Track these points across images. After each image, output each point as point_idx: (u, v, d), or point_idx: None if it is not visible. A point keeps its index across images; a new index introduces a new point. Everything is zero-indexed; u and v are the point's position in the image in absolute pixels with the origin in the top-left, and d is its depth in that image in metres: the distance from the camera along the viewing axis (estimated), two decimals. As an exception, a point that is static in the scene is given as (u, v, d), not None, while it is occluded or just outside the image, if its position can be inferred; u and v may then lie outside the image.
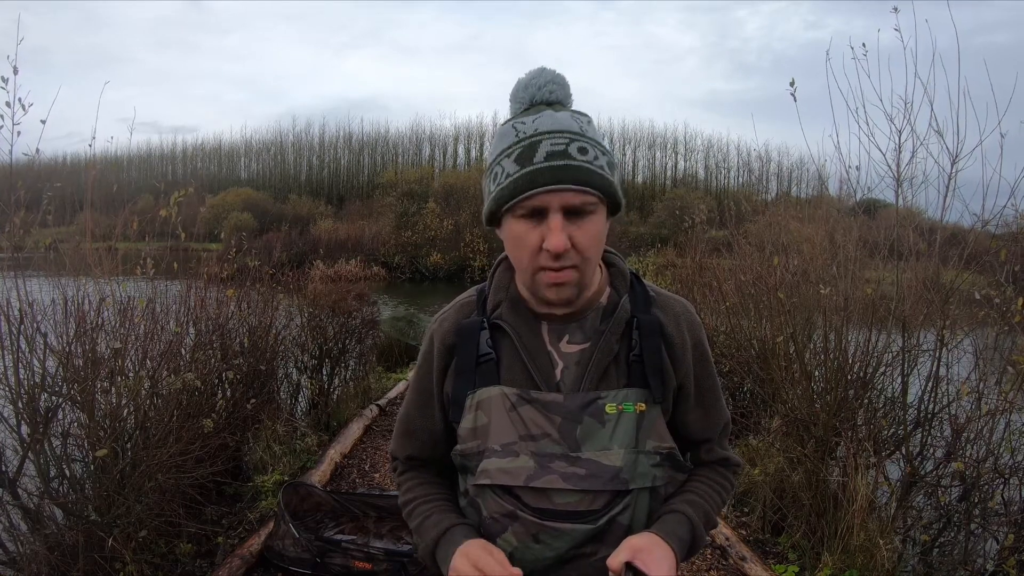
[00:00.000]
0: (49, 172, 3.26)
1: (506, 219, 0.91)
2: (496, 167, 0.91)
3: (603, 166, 0.90)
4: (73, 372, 2.45)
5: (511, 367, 0.98)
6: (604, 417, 0.95)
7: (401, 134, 59.47)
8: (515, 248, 0.92)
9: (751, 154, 55.62)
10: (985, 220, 2.77)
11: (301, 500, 3.10)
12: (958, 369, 2.97)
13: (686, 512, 0.99)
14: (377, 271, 23.20)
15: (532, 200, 0.87)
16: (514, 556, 0.96)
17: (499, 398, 0.97)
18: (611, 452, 0.94)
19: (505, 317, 1.00)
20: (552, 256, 0.87)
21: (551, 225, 0.87)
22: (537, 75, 0.95)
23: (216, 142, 63.78)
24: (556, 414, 0.95)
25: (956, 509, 2.84)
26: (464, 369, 1.00)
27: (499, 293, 1.02)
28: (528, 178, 0.87)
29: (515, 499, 0.96)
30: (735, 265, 5.02)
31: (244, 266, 4.45)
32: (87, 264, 2.77)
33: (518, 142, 0.89)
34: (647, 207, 42.23)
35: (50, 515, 2.41)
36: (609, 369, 0.97)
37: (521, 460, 0.95)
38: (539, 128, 0.89)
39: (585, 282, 0.93)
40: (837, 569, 2.73)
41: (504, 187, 0.89)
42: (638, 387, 0.97)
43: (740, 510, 3.62)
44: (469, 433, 0.99)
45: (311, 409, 4.99)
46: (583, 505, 0.95)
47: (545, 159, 0.86)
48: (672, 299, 1.06)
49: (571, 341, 0.99)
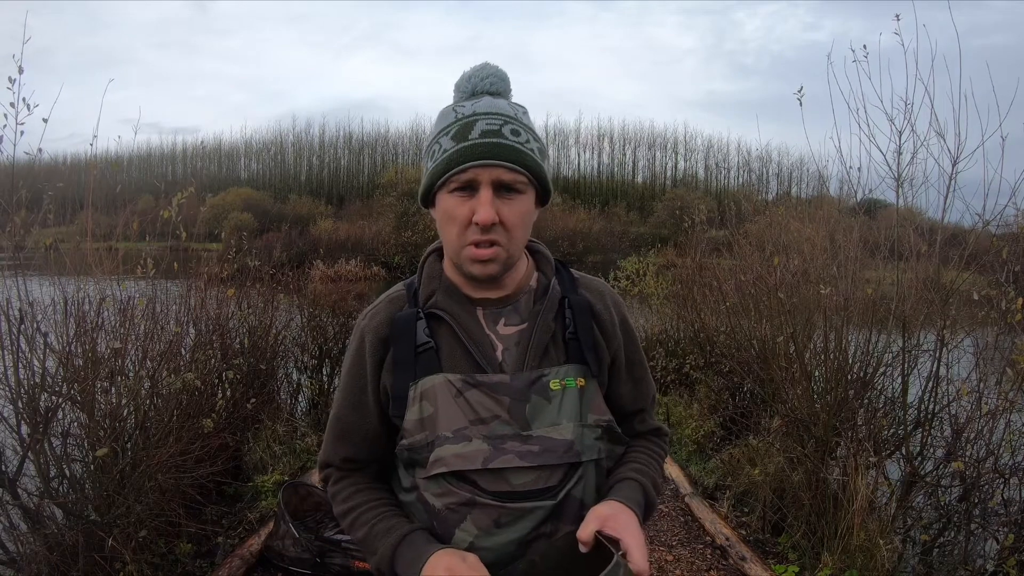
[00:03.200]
0: (49, 172, 3.26)
1: (440, 196, 0.95)
2: (434, 145, 0.96)
3: (534, 150, 0.95)
4: (73, 372, 2.45)
5: (451, 354, 0.99)
6: (549, 393, 0.98)
7: (401, 134, 59.65)
8: (446, 222, 0.95)
9: (751, 154, 55.68)
10: (986, 220, 2.77)
11: (301, 500, 3.10)
12: (958, 369, 2.97)
13: (637, 479, 1.03)
14: (377, 271, 23.20)
15: (465, 174, 0.91)
16: (475, 546, 0.95)
17: (443, 385, 0.97)
18: (561, 426, 0.98)
19: (441, 304, 1.01)
20: (480, 229, 0.91)
21: (481, 198, 0.91)
22: (481, 68, 1.01)
23: (216, 142, 63.82)
24: (504, 395, 0.97)
25: (956, 509, 2.84)
26: (402, 361, 0.99)
27: (431, 283, 1.03)
28: (462, 152, 0.91)
29: (471, 485, 0.96)
30: (735, 265, 5.03)
31: (244, 266, 4.45)
32: (87, 264, 2.77)
33: (456, 121, 0.95)
34: (647, 207, 42.30)
35: (50, 515, 2.41)
36: (548, 348, 1.01)
37: (475, 444, 0.95)
38: (477, 110, 0.95)
39: (511, 262, 0.97)
40: (837, 569, 2.73)
41: (439, 162, 0.93)
42: (577, 363, 1.01)
43: (740, 510, 3.62)
44: (416, 425, 0.97)
45: (311, 409, 4.99)
46: (540, 482, 0.96)
47: (480, 136, 0.92)
48: (594, 280, 1.12)
49: (508, 323, 1.01)
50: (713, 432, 4.54)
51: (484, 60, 1.03)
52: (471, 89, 0.99)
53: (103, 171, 3.02)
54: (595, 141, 58.64)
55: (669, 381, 5.80)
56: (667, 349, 5.97)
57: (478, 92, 0.99)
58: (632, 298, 7.21)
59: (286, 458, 3.86)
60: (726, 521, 3.41)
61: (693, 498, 3.69)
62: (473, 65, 1.02)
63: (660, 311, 6.54)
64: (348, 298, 5.61)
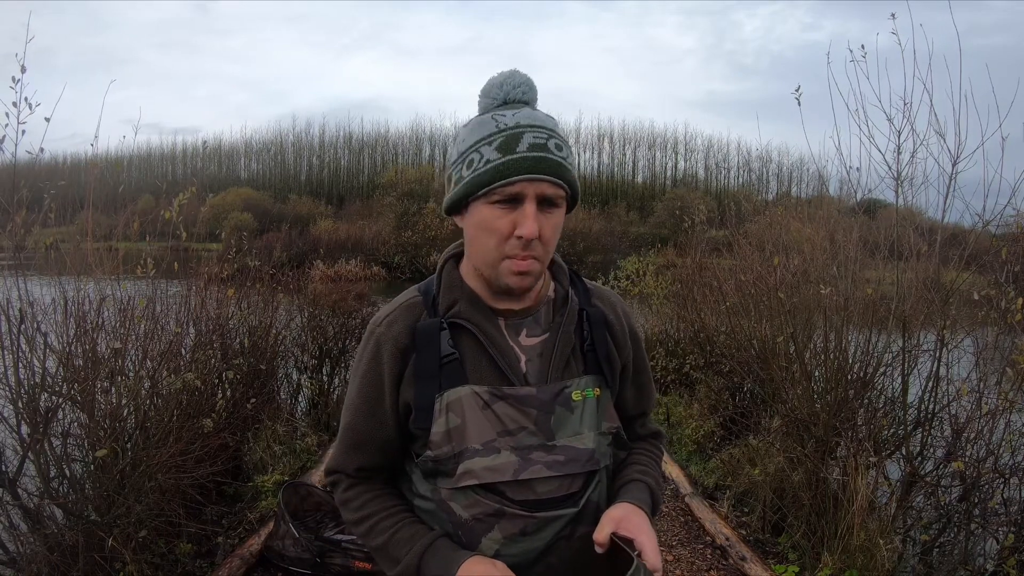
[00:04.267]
0: (50, 172, 3.25)
1: (475, 205, 0.94)
2: (473, 154, 0.94)
3: (573, 164, 0.97)
4: (73, 372, 2.45)
5: (476, 365, 0.98)
6: (572, 404, 1.00)
7: (401, 134, 59.63)
8: (482, 233, 0.94)
9: (751, 154, 55.69)
10: (986, 220, 2.77)
11: (301, 500, 3.10)
12: (958, 369, 2.97)
13: (644, 480, 1.07)
14: (377, 271, 23.15)
15: (512, 187, 0.91)
16: (500, 553, 0.97)
17: (470, 397, 0.97)
18: (583, 436, 1.01)
19: (465, 315, 1.00)
20: (522, 243, 0.92)
21: (526, 212, 0.91)
22: (511, 76, 0.99)
23: (216, 142, 63.81)
24: (531, 407, 0.98)
25: (956, 509, 2.84)
26: (426, 372, 0.98)
27: (452, 292, 1.02)
28: (510, 165, 0.91)
29: (499, 496, 0.97)
30: (735, 265, 5.03)
31: (244, 266, 4.45)
32: (87, 264, 2.77)
33: (499, 132, 0.93)
34: (647, 207, 42.26)
35: (50, 515, 2.41)
36: (569, 359, 1.03)
37: (504, 456, 0.96)
38: (520, 121, 0.94)
39: (541, 273, 0.98)
40: (837, 569, 2.73)
41: (483, 172, 0.92)
42: (594, 374, 1.04)
43: (740, 510, 3.62)
44: (443, 437, 0.96)
45: (311, 409, 4.99)
46: (563, 490, 0.99)
47: (528, 149, 0.91)
48: (605, 290, 1.14)
49: (530, 334, 1.02)
50: (713, 432, 4.54)
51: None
52: (503, 97, 0.98)
53: (104, 171, 3.02)
54: (595, 141, 58.66)
55: (669, 381, 5.81)
56: (667, 349, 5.97)
57: (510, 100, 0.98)
58: (632, 298, 7.21)
59: (286, 458, 3.86)
60: (726, 521, 3.41)
61: (693, 498, 3.69)
62: (500, 72, 1.00)
63: (660, 311, 6.54)
64: (348, 298, 5.61)
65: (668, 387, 5.80)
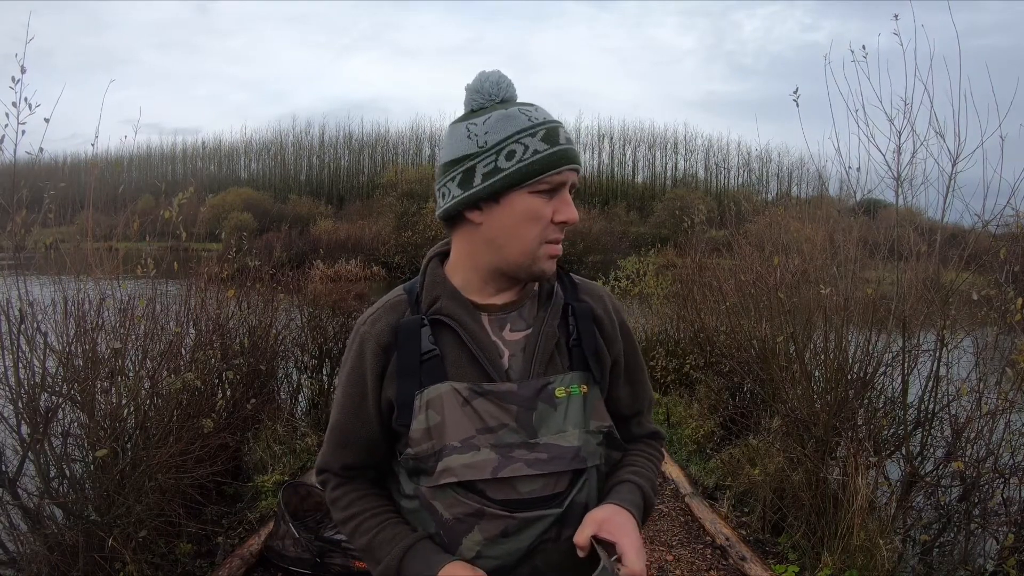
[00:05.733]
0: (50, 172, 3.26)
1: (516, 195, 0.96)
2: (514, 145, 0.96)
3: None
4: (73, 372, 2.45)
5: (457, 362, 0.98)
6: (555, 401, 0.99)
7: (401, 134, 59.47)
8: (527, 221, 0.97)
9: (751, 154, 55.67)
10: (986, 220, 2.77)
11: (301, 500, 3.10)
12: (958, 369, 2.97)
13: (635, 481, 1.04)
14: (377, 271, 23.18)
15: (560, 175, 0.96)
16: (481, 554, 0.95)
17: (450, 394, 0.96)
18: (567, 433, 0.98)
19: (446, 310, 1.00)
20: (561, 229, 0.98)
21: (566, 199, 0.98)
22: (501, 76, 1.02)
23: (216, 142, 63.77)
24: (512, 403, 0.97)
25: (956, 509, 2.84)
26: (407, 369, 0.98)
27: (435, 289, 1.02)
28: (558, 155, 0.96)
29: (479, 495, 0.95)
30: (735, 265, 5.03)
31: (244, 266, 4.44)
32: (87, 264, 2.77)
33: (535, 125, 0.97)
34: (647, 207, 42.22)
35: (50, 515, 2.41)
36: (554, 354, 1.01)
37: (483, 453, 0.95)
38: (545, 117, 0.99)
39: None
40: (837, 569, 2.73)
41: (534, 162, 0.95)
42: (580, 370, 1.02)
43: (740, 510, 3.62)
44: (422, 434, 0.96)
45: (311, 409, 4.99)
46: (548, 490, 0.97)
47: (566, 141, 0.98)
48: (593, 285, 1.14)
49: (513, 329, 1.02)
50: (713, 432, 4.54)
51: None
52: (501, 95, 1.01)
53: (104, 171, 3.02)
54: (595, 141, 58.53)
55: (669, 381, 5.81)
56: (667, 349, 5.97)
57: (505, 99, 1.01)
58: (632, 298, 7.21)
59: (286, 458, 3.86)
60: (726, 521, 3.41)
61: (693, 498, 3.69)
62: (480, 72, 1.02)
63: (660, 311, 6.53)
64: (348, 298, 5.61)
65: (668, 387, 5.80)
